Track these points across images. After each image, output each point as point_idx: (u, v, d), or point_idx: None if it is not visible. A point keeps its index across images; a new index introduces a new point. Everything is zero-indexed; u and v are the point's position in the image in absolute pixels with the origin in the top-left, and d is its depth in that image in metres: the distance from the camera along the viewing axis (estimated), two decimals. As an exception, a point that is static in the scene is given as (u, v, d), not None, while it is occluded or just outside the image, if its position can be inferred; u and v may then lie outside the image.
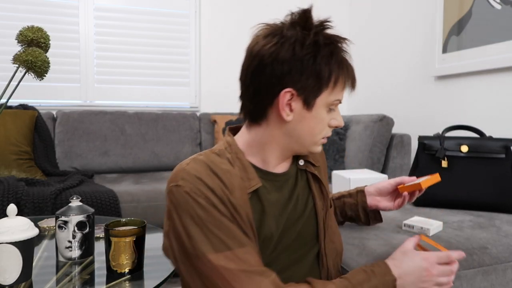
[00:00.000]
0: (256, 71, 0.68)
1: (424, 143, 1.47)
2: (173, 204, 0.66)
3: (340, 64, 0.70)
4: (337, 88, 0.70)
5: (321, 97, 0.69)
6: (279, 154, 0.75)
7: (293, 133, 0.71)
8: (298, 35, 0.67)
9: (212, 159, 0.69)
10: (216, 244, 0.63)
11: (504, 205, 1.32)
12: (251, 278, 0.61)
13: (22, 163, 2.01)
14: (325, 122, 0.72)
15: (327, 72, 0.68)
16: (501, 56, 1.75)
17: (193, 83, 2.81)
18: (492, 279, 0.96)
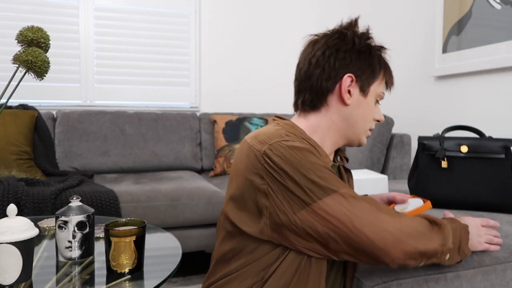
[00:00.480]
0: (320, 60, 0.79)
1: (424, 143, 1.47)
2: (284, 157, 0.70)
3: (386, 64, 0.84)
4: (382, 83, 0.83)
5: (373, 86, 0.81)
6: (334, 141, 0.83)
7: (351, 118, 0.81)
8: (355, 32, 0.82)
9: (293, 131, 0.78)
10: (337, 184, 0.70)
11: (504, 205, 1.32)
12: (377, 212, 0.70)
13: (22, 163, 2.01)
14: (373, 113, 0.83)
15: (378, 66, 0.81)
16: (501, 56, 1.75)
17: (193, 83, 2.81)
18: (492, 279, 0.96)
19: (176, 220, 1.84)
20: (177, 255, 0.97)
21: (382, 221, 0.69)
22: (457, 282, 0.92)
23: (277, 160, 0.70)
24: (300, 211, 0.69)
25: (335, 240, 0.69)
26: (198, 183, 2.01)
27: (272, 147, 0.71)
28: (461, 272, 0.93)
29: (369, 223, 0.68)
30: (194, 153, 2.53)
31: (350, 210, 0.68)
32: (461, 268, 0.93)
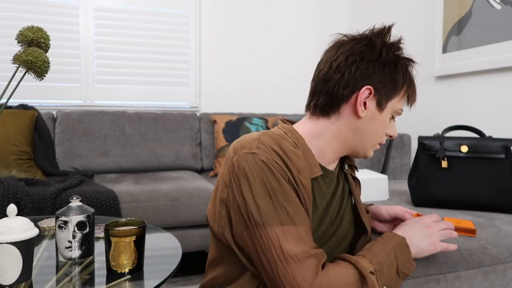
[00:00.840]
0: (341, 66, 0.74)
1: (424, 143, 1.47)
2: (244, 171, 0.66)
3: (411, 79, 0.79)
4: (403, 99, 0.79)
5: (392, 102, 0.77)
6: (337, 150, 0.79)
7: (360, 131, 0.76)
8: (385, 42, 0.77)
9: (278, 138, 0.72)
10: (283, 217, 0.64)
11: (504, 205, 1.32)
12: (307, 258, 0.63)
13: (22, 163, 2.01)
14: (386, 128, 0.79)
15: (402, 81, 0.76)
16: (501, 56, 1.75)
17: (193, 83, 2.81)
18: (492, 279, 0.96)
19: (176, 220, 1.84)
20: (177, 255, 0.97)
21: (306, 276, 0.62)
22: (457, 283, 0.92)
23: (238, 173, 0.67)
24: (242, 228, 0.67)
25: (261, 268, 0.67)
26: (198, 183, 2.01)
27: (240, 158, 0.68)
28: (461, 273, 0.93)
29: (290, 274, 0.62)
30: (194, 153, 2.53)
31: (279, 252, 0.63)
32: (461, 269, 0.93)
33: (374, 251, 0.71)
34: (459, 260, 0.95)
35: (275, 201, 0.65)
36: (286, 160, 0.68)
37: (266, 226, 0.64)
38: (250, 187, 0.66)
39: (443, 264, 0.93)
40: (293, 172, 0.68)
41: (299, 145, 0.74)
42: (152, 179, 2.13)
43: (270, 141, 0.70)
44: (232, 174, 0.68)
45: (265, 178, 0.65)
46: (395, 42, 0.79)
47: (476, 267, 0.95)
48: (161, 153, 2.44)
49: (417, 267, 0.91)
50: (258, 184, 0.65)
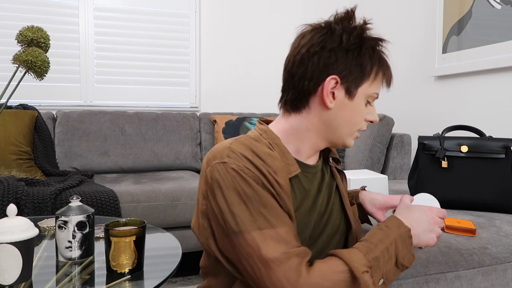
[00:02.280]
0: (304, 58, 0.72)
1: (424, 143, 1.47)
2: (217, 181, 0.66)
3: (381, 60, 0.75)
4: (376, 82, 0.75)
5: (362, 87, 0.73)
6: (313, 143, 0.77)
7: (333, 122, 0.74)
8: (345, 27, 0.72)
9: (252, 142, 0.71)
10: (260, 222, 0.63)
11: (504, 205, 1.32)
12: (289, 259, 0.61)
13: (22, 163, 2.01)
14: (363, 115, 0.76)
15: (370, 64, 0.72)
16: (501, 56, 1.75)
17: (193, 83, 2.81)
18: (492, 279, 0.96)
19: (176, 220, 1.84)
20: (177, 255, 0.97)
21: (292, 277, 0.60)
22: (457, 282, 0.92)
23: (212, 184, 0.67)
24: (223, 238, 0.67)
25: (247, 276, 0.66)
26: (198, 183, 2.01)
27: (212, 168, 0.67)
28: (461, 272, 0.93)
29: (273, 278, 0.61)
30: (194, 153, 2.53)
31: (260, 257, 0.62)
32: (461, 268, 0.93)
33: (373, 243, 0.67)
34: (459, 259, 0.95)
35: (250, 207, 0.64)
36: (258, 164, 0.66)
37: (244, 233, 0.63)
38: (224, 197, 0.65)
39: (443, 263, 0.93)
40: (267, 175, 0.66)
41: (275, 145, 0.73)
42: (152, 179, 2.13)
43: (241, 147, 0.68)
44: (207, 185, 0.68)
45: (238, 186, 0.65)
46: (357, 25, 0.74)
47: (476, 267, 0.95)
48: (161, 153, 2.44)
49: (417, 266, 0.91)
50: (231, 192, 0.65)
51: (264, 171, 0.66)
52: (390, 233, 0.69)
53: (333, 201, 0.82)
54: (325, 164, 0.84)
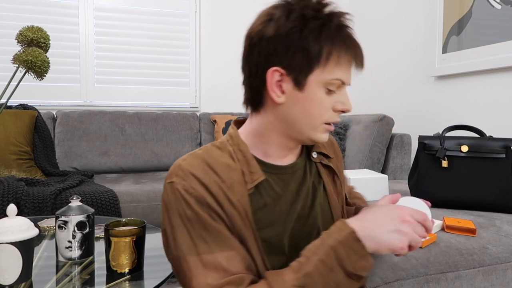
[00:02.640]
0: (247, 53, 0.66)
1: (424, 143, 1.47)
2: (164, 202, 0.64)
3: (334, 39, 0.62)
4: (331, 65, 0.63)
5: (313, 75, 0.63)
6: (279, 143, 0.69)
7: (288, 117, 0.66)
8: (284, 12, 0.63)
9: (211, 153, 0.66)
10: (200, 247, 0.60)
11: (504, 205, 1.32)
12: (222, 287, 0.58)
13: (22, 163, 2.01)
14: (326, 105, 0.65)
15: (317, 47, 0.61)
16: (501, 56, 1.75)
17: (193, 83, 2.81)
18: (492, 279, 0.96)
19: (176, 220, 1.84)
20: (177, 255, 0.97)
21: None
22: (458, 282, 0.92)
23: (162, 205, 0.65)
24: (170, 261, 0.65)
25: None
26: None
27: (164, 189, 0.65)
28: (462, 272, 0.93)
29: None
30: (194, 153, 2.53)
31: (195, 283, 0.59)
32: (462, 268, 0.93)
33: (306, 256, 0.59)
34: (459, 259, 0.95)
35: (191, 230, 0.60)
36: (208, 181, 0.62)
37: (182, 258, 0.60)
38: (169, 219, 0.63)
39: (444, 263, 0.93)
40: (216, 194, 0.61)
41: (238, 152, 0.67)
42: (152, 179, 2.13)
43: (192, 163, 0.64)
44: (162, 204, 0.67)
45: (181, 208, 0.61)
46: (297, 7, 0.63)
47: (476, 267, 0.95)
48: (161, 153, 2.44)
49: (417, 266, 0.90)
50: (175, 215, 0.62)
51: (213, 188, 0.62)
52: (328, 240, 0.59)
53: (319, 202, 0.73)
54: (310, 161, 0.76)
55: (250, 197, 0.65)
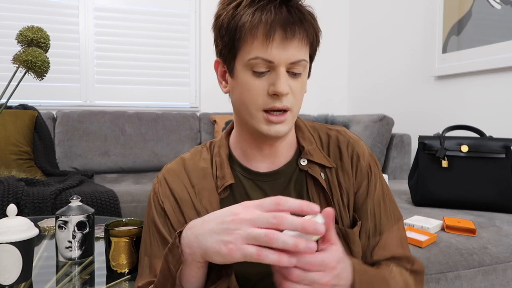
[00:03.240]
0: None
1: (424, 143, 1.47)
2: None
3: (244, 15, 0.57)
4: (248, 44, 0.58)
5: (238, 59, 0.60)
6: (246, 139, 0.66)
7: (235, 108, 0.66)
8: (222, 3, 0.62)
9: (193, 157, 0.69)
10: (152, 249, 0.64)
11: (504, 205, 1.32)
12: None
13: (22, 163, 2.01)
14: (256, 89, 0.59)
15: (234, 28, 0.58)
16: (501, 56, 1.75)
17: (193, 83, 2.81)
18: (492, 279, 0.96)
19: (176, 220, 1.84)
20: (177, 255, 0.97)
21: None
22: (458, 282, 0.92)
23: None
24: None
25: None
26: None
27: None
28: (462, 272, 0.93)
29: None
30: (194, 153, 2.53)
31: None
32: (462, 268, 0.93)
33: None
34: (459, 259, 0.95)
35: (150, 232, 0.65)
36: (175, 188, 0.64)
37: (140, 254, 0.67)
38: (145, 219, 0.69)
39: (444, 263, 0.93)
40: (180, 200, 0.63)
41: (217, 156, 0.68)
42: (152, 179, 2.13)
43: (171, 168, 0.68)
44: None
45: (148, 209, 0.67)
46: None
47: (476, 267, 0.95)
48: (161, 153, 2.44)
49: (417, 267, 0.90)
50: (145, 214, 0.68)
51: (179, 195, 0.64)
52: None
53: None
54: (300, 169, 0.67)
55: (222, 202, 0.64)
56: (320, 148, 0.68)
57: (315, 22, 0.61)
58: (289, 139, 0.68)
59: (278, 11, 0.57)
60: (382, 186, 0.68)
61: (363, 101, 2.86)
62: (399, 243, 0.66)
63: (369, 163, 0.68)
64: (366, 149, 0.69)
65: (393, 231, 0.66)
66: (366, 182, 0.66)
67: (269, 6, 0.57)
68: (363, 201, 0.65)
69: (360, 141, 0.70)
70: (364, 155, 0.68)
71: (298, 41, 0.58)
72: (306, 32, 0.59)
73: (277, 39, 0.56)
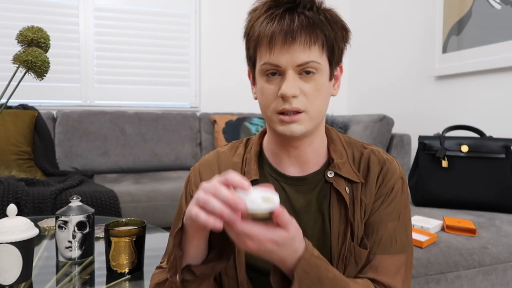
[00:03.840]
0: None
1: (424, 143, 1.47)
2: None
3: (257, 24, 0.63)
4: (261, 52, 0.64)
5: (256, 67, 0.66)
6: (274, 141, 0.69)
7: (262, 112, 0.68)
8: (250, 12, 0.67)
9: (228, 152, 0.74)
10: (172, 230, 0.69)
11: (504, 205, 1.32)
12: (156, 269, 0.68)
13: (22, 163, 2.01)
14: (269, 93, 0.63)
15: (252, 38, 0.64)
16: (501, 56, 1.75)
17: (193, 83, 2.81)
18: (492, 279, 0.96)
19: (176, 220, 1.84)
20: (177, 255, 0.97)
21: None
22: (458, 282, 0.92)
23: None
24: None
25: None
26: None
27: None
28: (462, 272, 0.93)
29: None
30: (194, 153, 2.53)
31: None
32: (462, 268, 0.93)
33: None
34: (459, 260, 0.95)
35: (178, 215, 0.71)
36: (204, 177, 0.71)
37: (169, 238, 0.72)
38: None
39: (444, 264, 0.93)
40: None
41: (249, 152, 0.72)
42: (152, 179, 2.13)
43: (206, 159, 0.74)
44: None
45: (181, 195, 0.74)
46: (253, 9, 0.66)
47: (476, 267, 0.95)
48: (161, 153, 2.44)
49: (418, 267, 0.90)
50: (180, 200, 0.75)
51: (205, 179, 0.68)
52: None
53: (317, 228, 0.66)
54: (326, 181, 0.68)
55: None
56: (351, 162, 0.68)
57: (330, 23, 0.63)
58: (318, 147, 0.69)
59: (281, 19, 0.61)
60: (399, 210, 0.66)
61: (363, 101, 2.86)
62: (394, 273, 0.64)
63: (394, 184, 0.67)
64: (397, 171, 0.68)
65: (392, 258, 0.64)
66: (382, 199, 0.66)
67: (274, 14, 0.62)
68: (371, 214, 0.66)
69: (394, 161, 0.70)
70: (393, 175, 0.67)
71: (300, 44, 0.60)
72: (311, 34, 0.61)
73: (278, 44, 0.61)
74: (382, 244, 0.64)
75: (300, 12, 0.62)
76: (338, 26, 0.65)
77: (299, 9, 0.62)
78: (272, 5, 0.63)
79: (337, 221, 0.65)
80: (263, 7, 0.64)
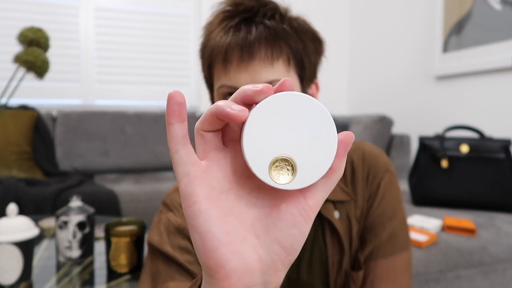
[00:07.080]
0: None
1: (424, 143, 1.47)
2: None
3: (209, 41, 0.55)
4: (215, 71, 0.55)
5: (214, 90, 0.57)
6: None
7: None
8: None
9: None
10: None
11: (504, 205, 1.32)
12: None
13: (22, 163, 2.01)
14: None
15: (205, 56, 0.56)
16: (501, 56, 1.75)
17: (193, 83, 2.81)
18: (492, 279, 0.96)
19: (176, 220, 1.84)
20: (177, 255, 0.97)
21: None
22: (457, 282, 0.92)
23: None
24: None
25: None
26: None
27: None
28: (461, 272, 0.93)
29: None
30: (194, 153, 2.53)
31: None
32: (461, 268, 0.93)
33: None
34: (459, 259, 0.95)
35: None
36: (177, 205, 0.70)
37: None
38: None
39: (444, 263, 0.93)
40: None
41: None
42: (152, 179, 2.13)
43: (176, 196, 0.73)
44: None
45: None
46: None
47: (476, 267, 0.95)
48: (161, 153, 2.44)
49: (417, 266, 0.90)
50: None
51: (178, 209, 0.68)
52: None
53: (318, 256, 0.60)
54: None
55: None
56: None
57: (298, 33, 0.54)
58: None
59: (236, 31, 0.52)
60: (393, 206, 0.61)
61: (363, 101, 2.86)
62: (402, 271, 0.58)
63: (381, 180, 0.62)
64: (382, 164, 0.62)
65: (396, 258, 0.59)
66: (372, 200, 0.61)
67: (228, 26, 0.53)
68: (366, 218, 0.61)
69: (377, 154, 0.63)
70: (377, 171, 0.62)
71: (260, 60, 0.51)
72: (274, 48, 0.52)
73: (234, 62, 0.52)
74: (383, 248, 0.60)
75: (259, 22, 0.52)
76: (308, 37, 0.56)
77: (258, 18, 0.53)
78: (227, 16, 0.54)
79: (331, 250, 0.60)
80: (216, 20, 0.55)
